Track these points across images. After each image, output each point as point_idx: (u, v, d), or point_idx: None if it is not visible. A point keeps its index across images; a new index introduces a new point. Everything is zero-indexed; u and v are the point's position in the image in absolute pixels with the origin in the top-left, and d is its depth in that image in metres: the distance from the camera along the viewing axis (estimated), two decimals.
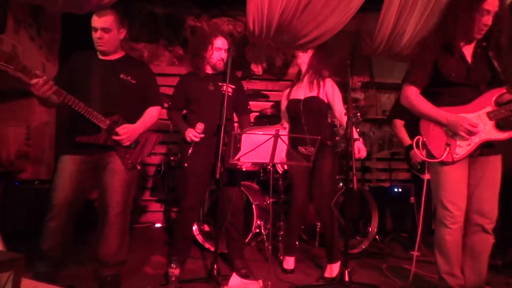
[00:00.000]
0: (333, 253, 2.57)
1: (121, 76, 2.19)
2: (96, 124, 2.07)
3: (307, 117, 2.64)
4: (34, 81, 1.89)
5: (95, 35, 2.14)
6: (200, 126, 2.41)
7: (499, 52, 1.93)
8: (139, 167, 2.26)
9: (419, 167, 3.13)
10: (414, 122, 3.18)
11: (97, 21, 2.12)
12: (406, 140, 3.20)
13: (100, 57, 2.19)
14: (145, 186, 4.35)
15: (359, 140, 2.50)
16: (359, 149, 2.47)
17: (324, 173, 2.60)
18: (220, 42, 2.56)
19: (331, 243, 2.58)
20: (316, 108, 2.67)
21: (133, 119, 2.21)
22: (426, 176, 3.06)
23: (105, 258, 2.15)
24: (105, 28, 2.13)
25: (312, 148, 2.55)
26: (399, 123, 3.27)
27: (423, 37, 2.17)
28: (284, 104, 2.86)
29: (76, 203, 2.10)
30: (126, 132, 2.15)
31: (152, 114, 2.33)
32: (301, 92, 2.73)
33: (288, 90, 2.87)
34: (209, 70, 2.60)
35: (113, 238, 2.14)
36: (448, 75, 1.94)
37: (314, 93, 2.68)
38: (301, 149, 2.61)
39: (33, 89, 1.90)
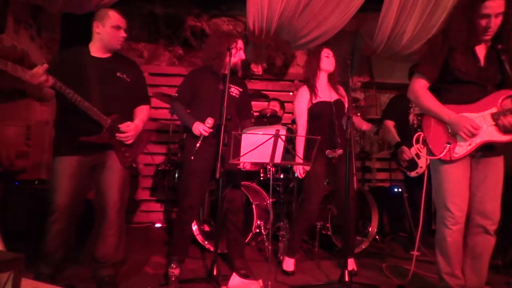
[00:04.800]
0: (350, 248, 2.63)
1: (118, 74, 2.17)
2: (96, 123, 2.05)
3: (338, 120, 2.63)
4: (34, 70, 1.83)
5: (119, 34, 2.13)
6: (210, 121, 2.39)
7: (510, 53, 1.90)
8: (134, 165, 2.26)
9: (407, 164, 3.15)
10: (403, 123, 3.25)
11: (121, 21, 2.14)
12: (396, 138, 3.26)
13: (93, 54, 2.14)
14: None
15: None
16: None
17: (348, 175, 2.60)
18: (241, 43, 2.63)
19: (351, 239, 2.62)
20: (343, 112, 2.68)
21: (127, 118, 2.21)
22: (413, 174, 3.11)
23: (103, 258, 2.14)
24: (125, 29, 2.15)
25: (341, 150, 2.54)
26: (390, 124, 3.37)
27: (433, 35, 2.16)
28: (305, 104, 2.65)
29: (76, 205, 2.10)
30: (131, 130, 2.16)
31: (145, 113, 2.34)
32: (327, 94, 2.66)
33: (306, 91, 2.67)
34: (225, 70, 2.60)
35: (111, 238, 2.14)
36: (458, 71, 1.92)
37: (338, 97, 2.70)
38: (329, 152, 2.55)
39: (32, 78, 1.84)
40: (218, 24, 4.52)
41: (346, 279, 2.26)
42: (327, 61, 2.65)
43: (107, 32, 2.10)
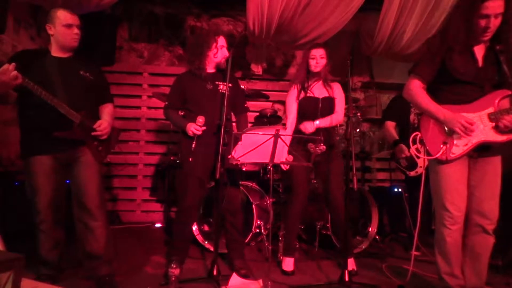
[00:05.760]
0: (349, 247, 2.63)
1: (81, 72, 2.17)
2: (65, 120, 2.03)
3: (324, 116, 2.68)
4: (4, 66, 1.79)
5: (73, 31, 2.11)
6: (201, 119, 2.39)
7: (509, 54, 1.90)
8: (108, 160, 2.30)
9: (407, 164, 3.16)
10: (404, 123, 3.26)
11: (72, 19, 2.12)
12: (394, 136, 3.31)
13: (54, 54, 2.13)
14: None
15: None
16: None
17: (340, 172, 2.68)
18: (223, 40, 2.60)
19: (347, 237, 2.58)
20: (331, 109, 2.73)
21: (94, 115, 2.22)
22: (412, 173, 3.11)
23: (97, 252, 2.14)
24: (78, 25, 2.15)
25: (324, 146, 2.55)
26: (390, 125, 3.39)
27: (432, 35, 2.16)
28: (293, 100, 2.74)
29: (59, 203, 2.10)
30: (104, 127, 2.18)
31: (112, 110, 2.37)
32: (317, 91, 2.72)
33: (296, 87, 2.77)
34: (210, 69, 2.60)
35: (99, 230, 2.14)
36: (456, 72, 1.92)
37: (329, 94, 2.74)
38: (311, 145, 2.58)
39: (3, 76, 1.78)
40: (218, 24, 4.52)
41: (346, 279, 2.27)
42: (312, 63, 2.69)
43: (59, 32, 2.10)
